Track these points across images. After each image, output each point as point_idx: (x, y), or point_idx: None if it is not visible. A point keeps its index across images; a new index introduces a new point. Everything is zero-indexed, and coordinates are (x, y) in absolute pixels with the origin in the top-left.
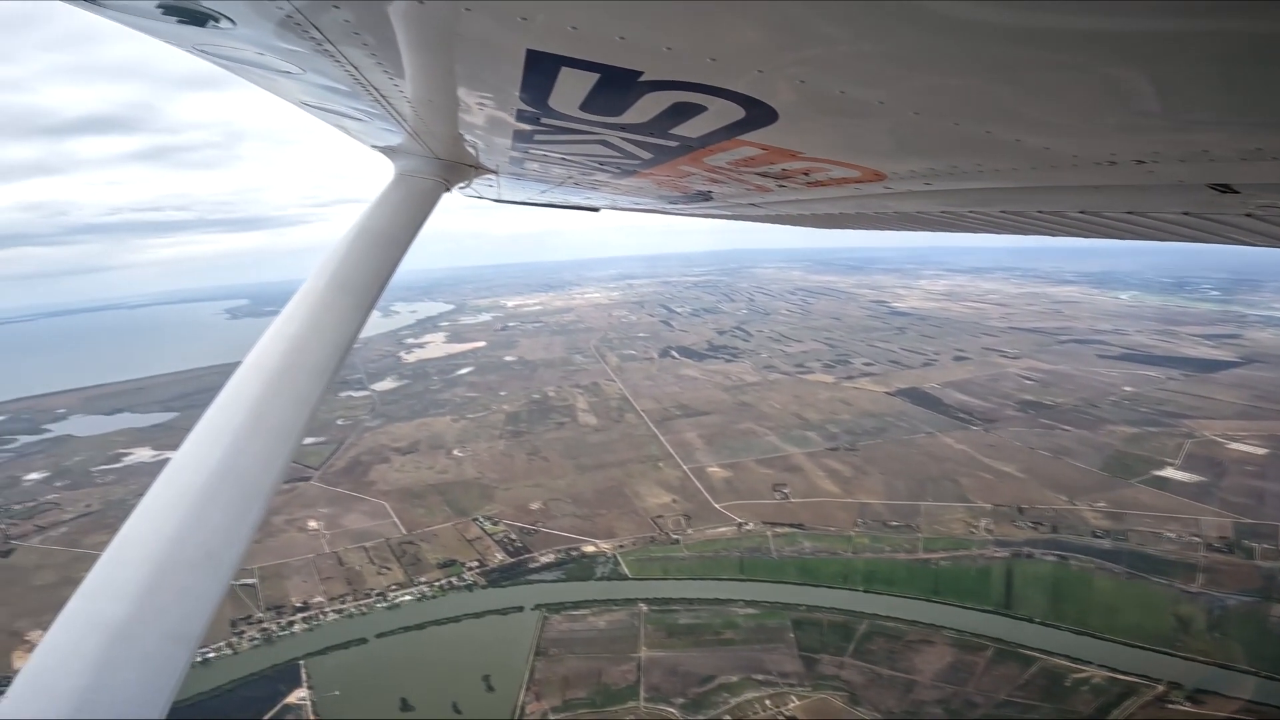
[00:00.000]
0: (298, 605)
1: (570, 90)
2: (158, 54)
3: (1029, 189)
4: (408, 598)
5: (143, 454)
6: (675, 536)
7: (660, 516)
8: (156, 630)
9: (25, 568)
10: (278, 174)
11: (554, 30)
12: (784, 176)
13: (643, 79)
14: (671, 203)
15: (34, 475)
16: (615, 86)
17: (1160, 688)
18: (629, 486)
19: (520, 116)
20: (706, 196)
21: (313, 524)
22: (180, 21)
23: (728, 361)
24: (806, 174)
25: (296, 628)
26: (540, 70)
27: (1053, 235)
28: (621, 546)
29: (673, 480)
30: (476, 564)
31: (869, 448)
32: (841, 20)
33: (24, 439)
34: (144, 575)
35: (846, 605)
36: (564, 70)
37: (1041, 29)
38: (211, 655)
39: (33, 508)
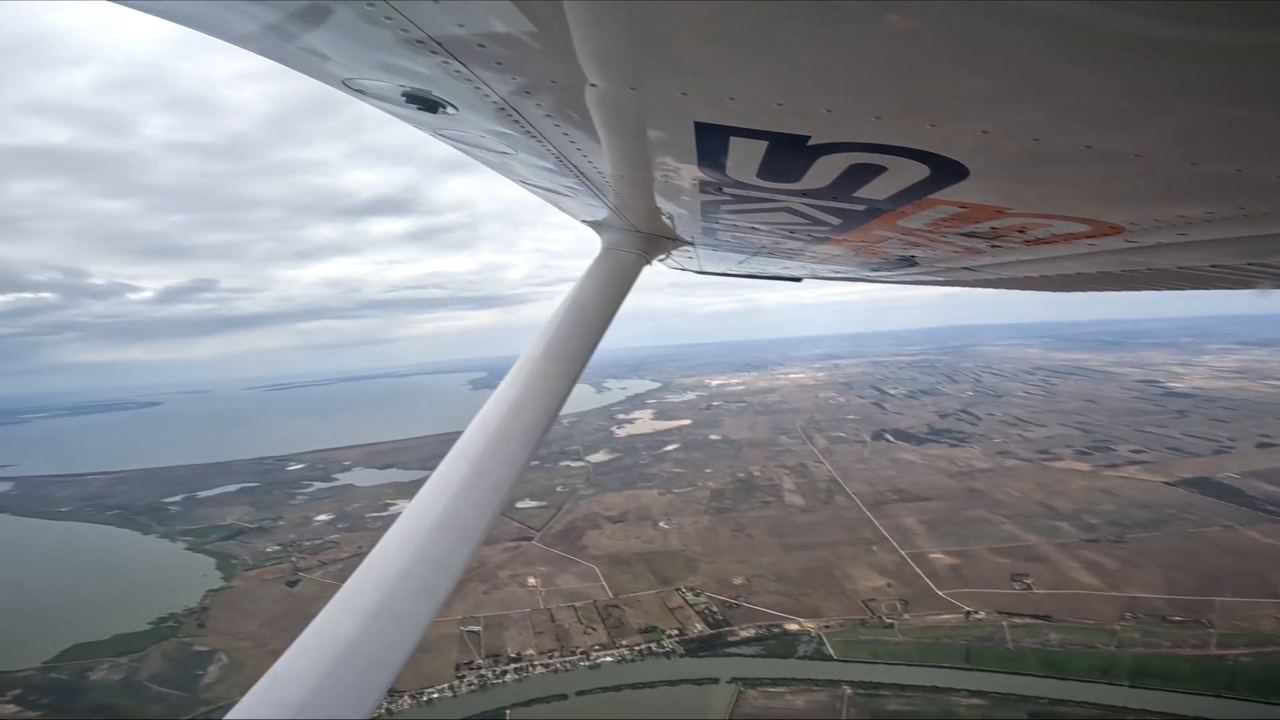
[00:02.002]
0: (512, 655)
1: (744, 158)
2: (421, 139)
3: None
4: (609, 659)
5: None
6: (889, 620)
7: (872, 599)
8: (373, 650)
9: (306, 597)
10: (514, 254)
11: (714, 102)
12: (995, 236)
13: (811, 143)
14: (873, 270)
15: (323, 517)
16: (786, 152)
17: None
18: (838, 568)
19: (703, 187)
20: (910, 261)
21: (531, 580)
22: (419, 109)
23: (952, 446)
24: (1022, 231)
25: (508, 677)
26: (711, 141)
27: None
28: (827, 627)
29: (888, 564)
30: (676, 632)
31: (1141, 540)
32: (1010, 60)
33: (317, 485)
34: (373, 602)
35: (1103, 699)
36: (733, 139)
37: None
38: (435, 695)
39: (319, 545)
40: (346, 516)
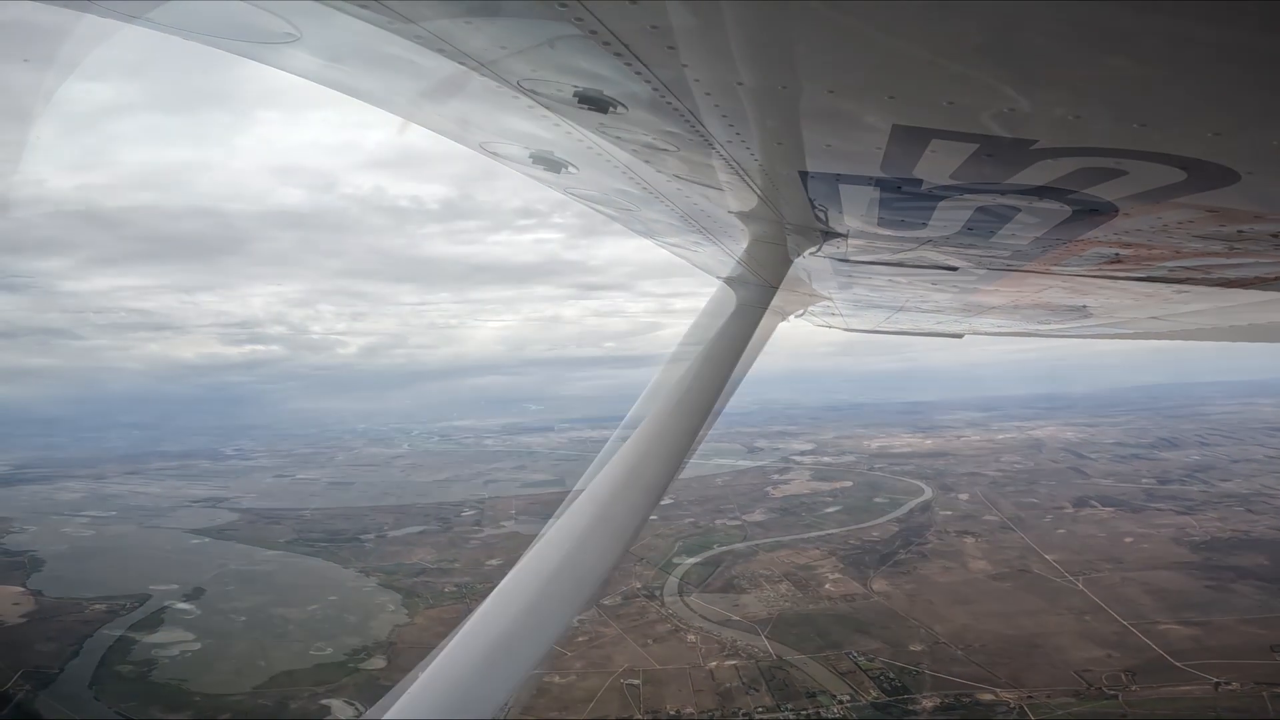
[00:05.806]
0: (670, 714)
1: (859, 206)
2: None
3: None
4: None
5: None
6: (1110, 691)
7: (1087, 670)
8: (491, 679)
9: None
10: (666, 315)
11: (815, 149)
12: (1178, 280)
13: (925, 187)
14: (1041, 323)
15: (493, 561)
16: (900, 197)
17: None
18: (1041, 638)
19: (828, 239)
20: (1082, 312)
21: (691, 637)
22: (545, 169)
23: (1180, 514)
24: (1206, 273)
25: None
26: (821, 189)
27: None
28: (1029, 697)
29: (1106, 635)
30: (847, 698)
31: None
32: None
33: (488, 531)
34: (501, 629)
35: None
36: (843, 186)
37: None
38: None
39: (489, 589)
40: (513, 563)
